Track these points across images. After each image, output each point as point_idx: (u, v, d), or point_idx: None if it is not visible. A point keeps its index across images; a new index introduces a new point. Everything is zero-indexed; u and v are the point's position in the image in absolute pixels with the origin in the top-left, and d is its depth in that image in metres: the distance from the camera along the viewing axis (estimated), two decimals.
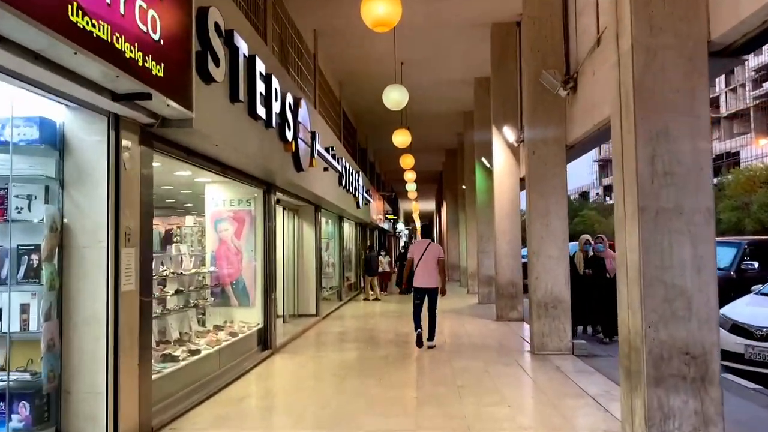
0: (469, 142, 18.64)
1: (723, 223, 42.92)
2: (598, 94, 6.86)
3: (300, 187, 9.29)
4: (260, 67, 6.38)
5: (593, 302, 9.65)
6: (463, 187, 20.71)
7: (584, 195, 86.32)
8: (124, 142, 4.49)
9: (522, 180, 12.27)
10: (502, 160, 12.35)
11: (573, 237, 11.05)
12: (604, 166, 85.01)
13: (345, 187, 13.54)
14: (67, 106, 4.26)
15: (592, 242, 10.18)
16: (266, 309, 8.49)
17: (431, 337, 8.87)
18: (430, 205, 47.58)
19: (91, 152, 4.38)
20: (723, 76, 58.02)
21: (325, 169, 10.88)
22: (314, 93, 12.32)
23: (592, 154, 79.37)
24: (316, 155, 9.46)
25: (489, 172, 15.01)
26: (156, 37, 4.02)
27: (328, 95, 14.48)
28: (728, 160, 60.36)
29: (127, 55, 3.65)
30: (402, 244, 46.14)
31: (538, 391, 6.25)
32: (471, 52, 13.72)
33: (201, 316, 8.32)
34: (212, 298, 8.22)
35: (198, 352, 6.35)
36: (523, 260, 13.08)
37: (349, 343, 9.66)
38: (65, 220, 4.36)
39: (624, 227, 4.53)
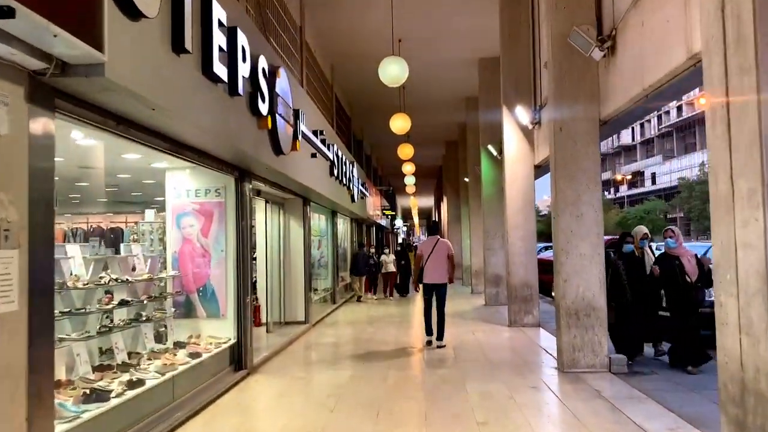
0: (472, 130, 17.25)
1: None
2: (651, 49, 5.43)
3: (282, 175, 7.84)
4: (219, 13, 4.92)
5: (666, 313, 7.35)
6: (466, 179, 19.30)
7: None
8: None
9: (537, 167, 10.88)
10: (514, 145, 10.93)
11: None
12: (603, 161, 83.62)
13: (337, 177, 12.10)
14: None
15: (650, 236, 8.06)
16: (240, 320, 7.05)
17: (440, 336, 8.76)
18: (429, 201, 46.26)
19: None
20: None
21: (313, 156, 9.43)
22: (301, 71, 10.87)
23: None
24: (300, 137, 8.01)
25: (497, 162, 13.62)
26: None
27: (318, 78, 13.04)
28: None
29: None
30: (399, 240, 44.72)
31: (585, 431, 4.82)
32: (476, 27, 12.33)
33: (163, 329, 6.88)
34: (173, 309, 6.78)
35: (141, 383, 4.90)
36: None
37: (341, 359, 8.23)
38: None
39: (731, 213, 3.10)
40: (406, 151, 16.81)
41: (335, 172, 11.60)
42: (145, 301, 6.10)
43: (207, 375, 6.25)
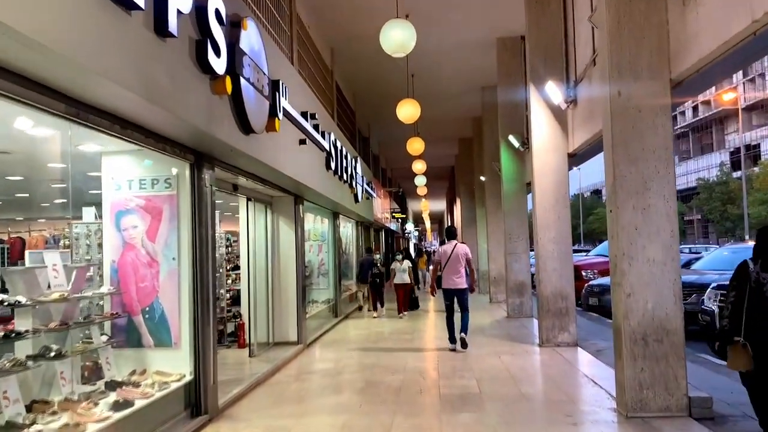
0: (489, 123, 15.55)
1: (751, 218, 39.72)
2: None
3: (255, 161, 6.17)
4: None
5: None
6: (482, 178, 17.57)
7: (597, 193, 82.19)
8: None
9: (571, 156, 9.15)
10: (543, 131, 9.19)
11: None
12: None
13: (336, 172, 10.42)
14: None
15: None
16: (198, 350, 5.37)
17: (464, 329, 8.67)
18: (440, 205, 44.56)
19: None
20: None
21: (302, 142, 7.77)
22: (291, 47, 9.22)
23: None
24: (281, 115, 6.35)
25: (519, 155, 11.97)
26: None
27: (315, 60, 11.39)
28: (748, 153, 56.94)
29: None
30: (411, 246, 42.97)
31: None
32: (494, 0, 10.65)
33: (96, 362, 5.24)
34: (106, 337, 5.13)
35: None
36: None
37: (336, 395, 6.49)
38: None
39: None
40: (416, 145, 15.09)
41: (332, 165, 9.92)
42: (59, 330, 4.45)
43: (146, 429, 4.57)
